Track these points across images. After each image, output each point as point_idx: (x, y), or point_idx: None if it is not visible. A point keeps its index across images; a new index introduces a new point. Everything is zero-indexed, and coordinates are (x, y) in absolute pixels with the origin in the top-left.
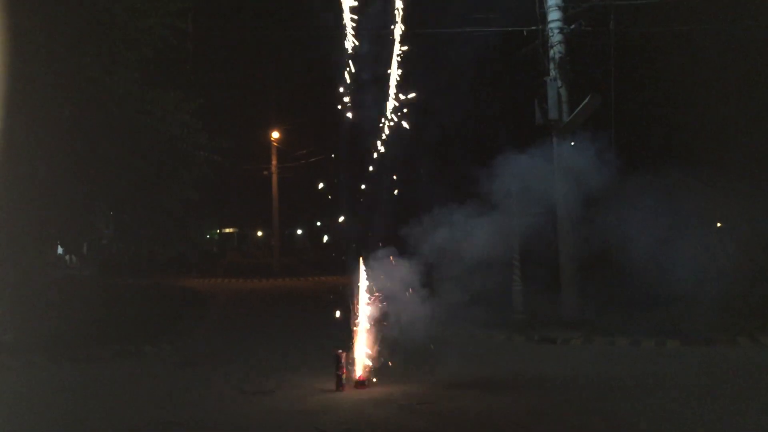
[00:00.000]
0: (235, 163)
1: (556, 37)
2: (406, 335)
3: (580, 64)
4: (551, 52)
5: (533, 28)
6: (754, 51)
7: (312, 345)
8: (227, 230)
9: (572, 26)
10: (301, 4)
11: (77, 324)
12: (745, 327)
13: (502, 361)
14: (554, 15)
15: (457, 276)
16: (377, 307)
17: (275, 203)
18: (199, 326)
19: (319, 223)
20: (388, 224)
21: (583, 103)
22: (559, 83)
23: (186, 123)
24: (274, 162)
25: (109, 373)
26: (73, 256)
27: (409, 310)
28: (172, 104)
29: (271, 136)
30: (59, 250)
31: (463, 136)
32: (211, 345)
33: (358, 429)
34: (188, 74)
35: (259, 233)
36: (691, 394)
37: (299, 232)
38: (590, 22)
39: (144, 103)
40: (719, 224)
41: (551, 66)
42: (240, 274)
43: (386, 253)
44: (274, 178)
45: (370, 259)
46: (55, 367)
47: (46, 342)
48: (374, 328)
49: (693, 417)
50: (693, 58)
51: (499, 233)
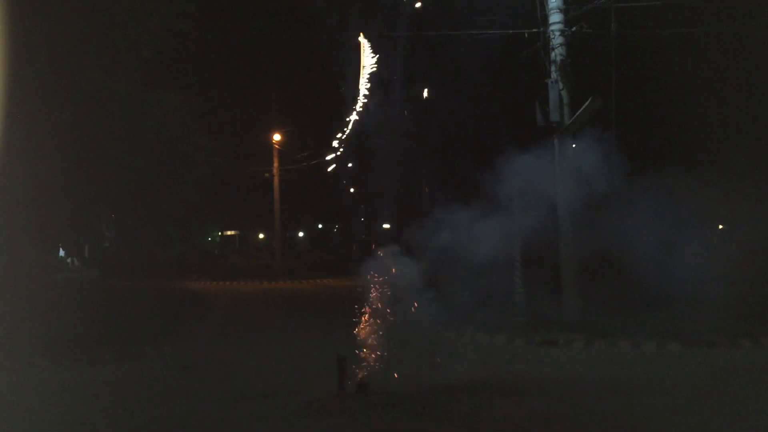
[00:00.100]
0: (236, 164)
1: (557, 40)
2: (410, 337)
3: (582, 66)
4: (552, 55)
5: (534, 30)
6: (755, 52)
7: (314, 347)
8: (229, 233)
9: (573, 29)
10: (301, 3)
11: (78, 325)
12: (746, 329)
13: (504, 364)
14: (555, 17)
15: (458, 277)
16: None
17: (277, 205)
18: (200, 328)
19: (320, 226)
20: (395, 225)
21: (585, 105)
22: (560, 85)
23: (186, 124)
24: (276, 164)
25: (110, 374)
26: (74, 258)
27: (414, 311)
28: (172, 105)
29: (273, 139)
30: (61, 253)
31: (465, 138)
32: (213, 347)
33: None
34: (188, 75)
35: (261, 235)
36: (693, 396)
37: (300, 234)
38: (591, 24)
39: (144, 103)
40: (721, 226)
41: (552, 68)
42: (241, 276)
43: (393, 252)
44: (276, 180)
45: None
46: (56, 368)
47: (47, 343)
48: (378, 329)
49: (695, 419)
50: (694, 60)
51: (501, 234)
